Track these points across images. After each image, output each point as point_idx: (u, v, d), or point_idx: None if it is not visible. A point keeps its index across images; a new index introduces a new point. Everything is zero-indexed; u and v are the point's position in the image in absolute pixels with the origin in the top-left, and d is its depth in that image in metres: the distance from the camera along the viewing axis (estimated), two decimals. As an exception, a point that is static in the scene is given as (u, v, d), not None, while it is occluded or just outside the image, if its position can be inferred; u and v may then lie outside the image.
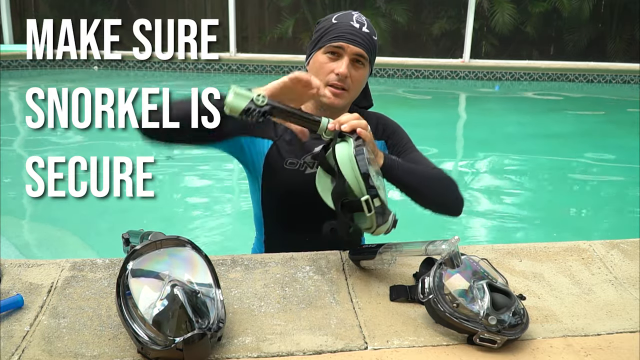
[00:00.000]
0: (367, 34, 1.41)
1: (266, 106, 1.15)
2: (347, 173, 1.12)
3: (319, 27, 1.45)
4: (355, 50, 1.39)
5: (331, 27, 1.41)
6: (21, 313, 1.11)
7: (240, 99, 1.15)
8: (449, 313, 1.05)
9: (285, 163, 1.48)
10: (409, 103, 7.22)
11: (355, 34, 1.39)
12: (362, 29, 1.40)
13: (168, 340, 0.94)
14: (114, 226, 2.81)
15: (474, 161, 4.82)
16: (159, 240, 1.07)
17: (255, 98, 1.15)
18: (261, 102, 1.15)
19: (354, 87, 1.43)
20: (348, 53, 1.39)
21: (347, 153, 1.13)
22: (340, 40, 1.38)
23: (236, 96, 1.16)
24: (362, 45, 1.39)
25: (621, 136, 5.68)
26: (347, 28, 1.39)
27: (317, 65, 1.42)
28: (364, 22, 1.42)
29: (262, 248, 1.62)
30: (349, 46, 1.38)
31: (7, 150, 4.55)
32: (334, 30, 1.40)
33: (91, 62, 8.70)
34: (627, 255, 1.43)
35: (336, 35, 1.39)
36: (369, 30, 1.42)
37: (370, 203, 1.10)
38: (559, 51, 9.58)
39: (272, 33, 9.75)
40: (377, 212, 1.11)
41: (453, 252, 1.09)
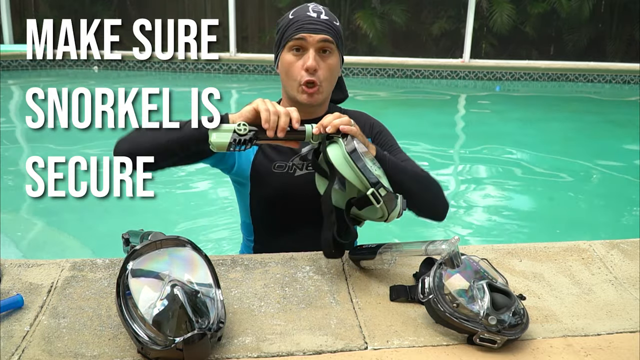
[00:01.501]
0: (326, 20, 1.38)
1: (250, 133, 1.17)
2: (346, 173, 1.12)
3: (279, 26, 1.42)
4: (317, 37, 1.35)
5: (289, 23, 1.38)
6: (21, 313, 1.11)
7: (223, 135, 1.17)
8: (449, 313, 1.05)
9: (273, 167, 1.46)
10: (409, 103, 7.22)
11: (314, 22, 1.36)
12: (320, 17, 1.37)
13: (168, 340, 0.94)
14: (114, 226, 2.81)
15: (474, 161, 4.82)
16: (159, 240, 1.07)
17: (237, 129, 1.16)
18: (243, 131, 1.16)
19: (326, 79, 1.39)
20: (311, 44, 1.35)
21: (340, 153, 1.14)
22: (301, 32, 1.35)
23: (218, 134, 1.17)
24: (324, 31, 1.36)
25: (621, 136, 5.68)
26: (305, 19, 1.36)
27: (285, 66, 1.40)
28: (321, 10, 1.39)
29: (250, 252, 1.60)
30: (310, 36, 1.35)
31: (8, 151, 4.55)
32: (293, 25, 1.37)
33: (91, 62, 8.70)
34: (627, 255, 1.43)
35: (295, 29, 1.36)
36: (328, 16, 1.39)
37: (377, 195, 1.11)
38: (559, 51, 9.58)
39: (272, 33, 9.76)
40: (385, 201, 1.12)
41: (453, 252, 1.09)
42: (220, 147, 1.17)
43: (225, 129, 1.17)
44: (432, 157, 4.78)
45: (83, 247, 3.01)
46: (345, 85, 1.57)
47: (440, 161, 4.82)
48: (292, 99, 1.43)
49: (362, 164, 1.12)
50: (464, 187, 4.25)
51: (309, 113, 1.42)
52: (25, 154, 4.69)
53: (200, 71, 8.71)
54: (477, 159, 4.85)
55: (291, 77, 1.39)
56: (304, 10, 1.39)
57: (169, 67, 8.70)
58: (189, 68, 8.70)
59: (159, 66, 8.70)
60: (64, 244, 3.06)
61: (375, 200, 1.12)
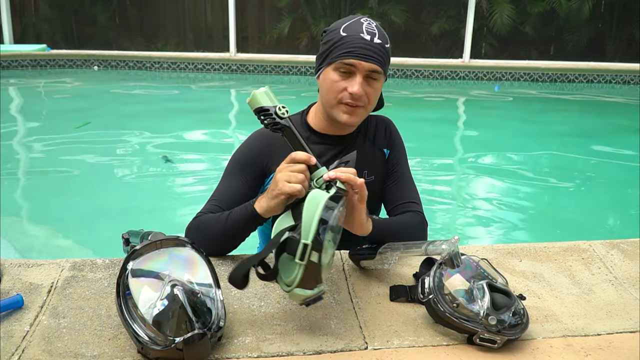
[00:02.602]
0: (379, 45, 1.29)
1: (283, 120, 1.16)
2: (307, 211, 1.01)
3: (327, 38, 1.34)
4: (367, 66, 1.29)
5: (340, 41, 1.30)
6: (21, 313, 1.11)
7: (266, 98, 1.16)
8: (449, 313, 1.05)
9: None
10: (409, 103, 7.22)
11: (367, 48, 1.28)
12: (373, 41, 1.29)
13: (168, 340, 0.94)
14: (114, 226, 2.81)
15: (474, 161, 4.82)
16: (159, 240, 1.07)
17: (279, 107, 1.16)
18: (282, 113, 1.16)
19: (369, 102, 1.35)
20: (360, 70, 1.29)
21: (320, 196, 1.04)
22: (352, 57, 1.28)
23: (265, 94, 1.16)
24: (375, 59, 1.29)
25: (621, 136, 5.68)
26: (358, 42, 1.28)
27: (327, 83, 1.33)
28: (375, 31, 1.30)
29: None
30: (361, 63, 1.28)
31: (7, 150, 4.55)
32: (344, 45, 1.29)
33: (91, 62, 8.70)
34: (627, 255, 1.43)
35: (346, 51, 1.28)
36: (381, 39, 1.30)
37: (307, 251, 0.98)
38: (559, 51, 9.58)
39: (271, 33, 9.75)
40: (308, 269, 0.99)
41: (453, 252, 1.09)
42: (253, 102, 1.16)
43: (272, 98, 1.17)
44: (431, 157, 4.77)
45: (83, 247, 3.01)
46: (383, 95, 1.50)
47: (440, 161, 4.81)
48: (329, 115, 1.39)
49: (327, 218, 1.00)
50: (463, 187, 4.25)
51: (342, 129, 1.42)
52: (25, 154, 4.69)
53: (201, 71, 8.71)
54: (477, 158, 4.85)
55: (332, 94, 1.33)
56: (358, 30, 1.30)
57: (169, 66, 8.70)
58: (189, 68, 8.70)
59: (159, 66, 8.70)
60: (64, 244, 3.06)
61: (300, 254, 0.99)
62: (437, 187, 4.11)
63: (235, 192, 1.37)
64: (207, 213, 1.34)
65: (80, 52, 8.84)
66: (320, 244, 0.98)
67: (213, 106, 6.70)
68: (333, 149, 1.43)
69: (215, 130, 5.54)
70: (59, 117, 5.89)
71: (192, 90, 7.78)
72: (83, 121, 5.50)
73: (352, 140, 1.45)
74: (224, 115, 6.38)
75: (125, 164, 4.44)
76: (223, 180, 1.42)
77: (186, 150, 4.85)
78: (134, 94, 7.41)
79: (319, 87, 1.40)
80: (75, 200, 3.64)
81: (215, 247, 1.29)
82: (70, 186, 3.89)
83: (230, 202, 1.32)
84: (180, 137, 5.25)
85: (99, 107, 6.39)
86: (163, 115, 6.09)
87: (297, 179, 1.12)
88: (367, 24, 1.32)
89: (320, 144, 1.42)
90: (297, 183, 1.11)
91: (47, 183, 3.96)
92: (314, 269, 1.00)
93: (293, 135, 1.17)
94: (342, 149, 1.42)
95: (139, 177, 4.21)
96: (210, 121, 5.85)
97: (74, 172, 4.18)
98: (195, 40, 9.98)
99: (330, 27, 1.36)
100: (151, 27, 10.09)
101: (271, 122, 1.16)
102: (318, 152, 1.40)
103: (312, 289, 1.02)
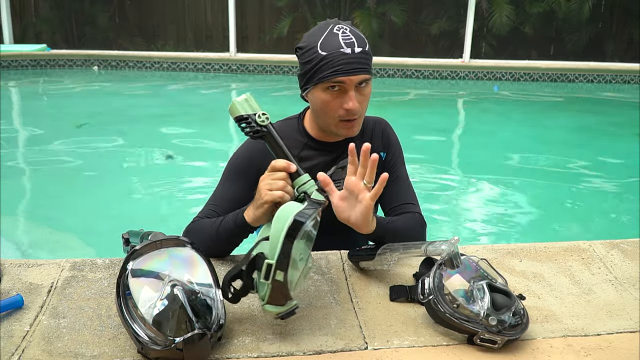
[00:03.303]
0: (360, 53, 1.28)
1: (263, 128, 1.16)
2: (274, 227, 1.00)
3: (307, 58, 1.31)
4: (357, 79, 1.28)
5: (322, 62, 1.27)
6: (21, 313, 1.11)
7: (246, 106, 1.16)
8: (449, 314, 1.05)
9: None
10: (409, 103, 7.22)
11: (352, 62, 1.26)
12: (355, 52, 1.27)
13: (168, 340, 0.94)
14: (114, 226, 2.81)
15: (473, 161, 4.82)
16: (159, 240, 1.07)
17: (259, 115, 1.16)
18: (261, 120, 1.16)
19: (363, 108, 1.35)
20: (351, 85, 1.28)
21: (290, 210, 1.01)
22: (339, 75, 1.26)
23: (245, 102, 1.17)
24: (362, 70, 1.28)
25: (621, 136, 5.68)
26: (341, 59, 1.26)
27: (320, 104, 1.33)
28: (353, 41, 1.28)
29: None
30: (350, 78, 1.27)
31: (8, 150, 4.55)
32: (327, 64, 1.27)
33: (91, 62, 8.70)
34: (627, 255, 1.43)
35: (332, 71, 1.26)
36: (361, 46, 1.28)
37: (271, 271, 0.99)
38: (559, 51, 9.58)
39: (271, 33, 9.75)
40: (274, 287, 1.00)
41: (453, 252, 1.09)
42: (232, 111, 1.17)
43: (252, 105, 1.17)
44: (431, 157, 4.77)
45: (83, 247, 3.01)
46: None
47: (440, 161, 4.81)
48: (326, 130, 1.40)
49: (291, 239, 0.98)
50: (463, 187, 4.25)
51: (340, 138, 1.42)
52: (25, 154, 4.69)
53: (200, 71, 8.71)
54: (477, 159, 4.85)
55: (328, 115, 1.33)
56: (336, 45, 1.27)
57: (169, 66, 8.70)
58: (189, 68, 8.70)
59: (159, 66, 8.70)
60: (64, 244, 3.06)
61: (265, 274, 0.99)
62: (436, 187, 4.11)
63: (232, 197, 1.38)
64: (204, 218, 1.36)
65: (80, 52, 8.83)
66: (286, 263, 0.98)
67: (213, 106, 6.69)
68: (330, 154, 1.43)
69: (215, 130, 5.53)
70: (59, 117, 5.89)
71: (192, 90, 7.77)
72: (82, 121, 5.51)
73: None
74: (224, 115, 6.37)
75: (125, 164, 4.44)
76: (220, 185, 1.43)
77: (186, 150, 4.85)
78: (134, 94, 7.41)
79: (310, 105, 1.41)
80: (75, 200, 3.64)
81: (209, 252, 1.27)
82: (70, 186, 3.89)
83: (227, 208, 1.34)
84: (180, 137, 5.24)
85: (98, 107, 6.39)
86: (163, 115, 6.08)
87: (278, 186, 1.14)
88: (342, 34, 1.29)
89: (317, 150, 1.43)
90: (277, 190, 1.13)
91: (47, 183, 3.96)
92: (281, 287, 1.00)
93: (274, 142, 1.17)
94: (340, 154, 1.43)
95: (139, 177, 4.21)
96: (210, 121, 5.85)
97: (73, 172, 4.18)
98: (195, 40, 9.98)
99: (305, 45, 1.32)
100: (151, 27, 10.08)
101: (251, 131, 1.17)
102: (316, 159, 1.42)
103: (283, 305, 1.03)
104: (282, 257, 0.98)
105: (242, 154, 1.44)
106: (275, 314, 1.04)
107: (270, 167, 1.17)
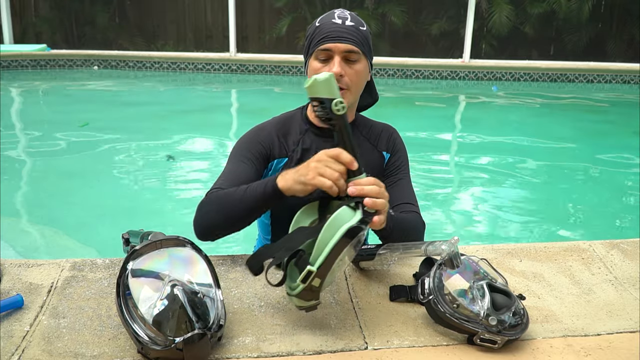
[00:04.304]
0: (352, 26, 1.36)
1: (339, 118, 1.09)
2: (324, 232, 1.00)
3: (307, 34, 1.42)
4: (343, 47, 1.34)
5: (316, 31, 1.37)
6: (21, 313, 1.11)
7: (326, 88, 1.10)
8: (449, 314, 1.05)
9: None
10: (409, 103, 7.22)
11: (340, 31, 1.34)
12: (345, 24, 1.35)
13: (168, 340, 0.94)
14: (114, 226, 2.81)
15: (473, 161, 4.82)
16: (159, 240, 1.07)
17: (336, 102, 1.09)
18: (337, 109, 1.09)
19: (354, 84, 1.38)
20: (337, 52, 1.34)
21: (343, 220, 1.02)
22: (326, 42, 1.34)
23: (326, 83, 1.10)
24: (349, 40, 1.34)
25: (621, 136, 5.68)
26: (331, 27, 1.35)
27: (311, 72, 1.39)
28: (347, 16, 1.37)
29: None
30: (336, 45, 1.33)
31: (7, 150, 4.55)
32: (319, 33, 1.36)
33: (91, 62, 8.70)
34: (627, 255, 1.43)
35: (321, 38, 1.35)
36: (354, 22, 1.37)
37: (309, 277, 1.00)
38: (559, 51, 9.59)
39: (271, 33, 9.75)
40: (308, 289, 1.02)
41: (453, 252, 1.09)
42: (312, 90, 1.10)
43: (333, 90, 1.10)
44: (431, 157, 4.78)
45: (83, 247, 3.01)
46: (376, 88, 1.55)
47: (439, 161, 4.82)
48: None
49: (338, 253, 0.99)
50: (463, 187, 4.25)
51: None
52: (25, 154, 4.69)
53: (200, 71, 8.71)
54: (477, 158, 4.85)
55: None
56: (330, 18, 1.37)
57: (169, 66, 8.70)
58: (189, 68, 8.70)
59: (159, 66, 8.70)
60: (64, 244, 3.06)
61: (303, 278, 1.00)
62: (436, 187, 4.12)
63: (243, 174, 1.36)
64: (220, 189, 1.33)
65: (80, 52, 8.84)
66: (325, 273, 1.00)
67: (213, 106, 6.70)
68: (330, 141, 1.44)
69: (216, 130, 5.54)
70: (59, 117, 5.90)
71: (192, 90, 7.78)
72: (83, 122, 5.51)
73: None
74: (224, 115, 6.38)
75: (125, 164, 4.44)
76: (229, 164, 1.42)
77: (186, 150, 4.85)
78: (134, 94, 7.41)
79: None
80: (75, 200, 3.64)
81: (229, 220, 1.26)
82: (70, 186, 3.89)
83: (238, 184, 1.31)
84: (180, 137, 5.25)
85: (98, 107, 6.39)
86: (163, 115, 6.09)
87: (333, 176, 1.08)
88: (340, 11, 1.39)
89: (318, 136, 1.44)
90: (329, 180, 1.08)
91: (47, 183, 3.96)
92: (314, 290, 1.02)
93: (344, 133, 1.11)
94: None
95: (139, 177, 4.21)
96: (210, 121, 5.86)
97: (73, 172, 4.18)
98: (195, 40, 9.98)
99: (310, 24, 1.44)
100: (151, 27, 10.08)
101: (323, 115, 1.11)
102: (316, 144, 1.43)
103: (309, 301, 1.05)
104: (324, 268, 0.99)
105: (251, 135, 1.46)
106: (299, 305, 1.06)
107: (334, 152, 1.11)
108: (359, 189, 1.07)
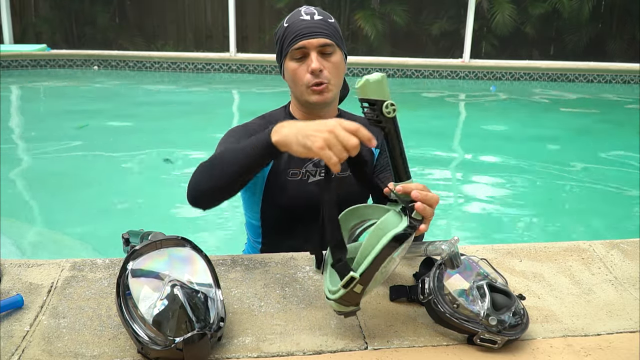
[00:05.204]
0: (320, 20, 1.37)
1: (389, 120, 1.04)
2: (370, 238, 0.99)
3: (277, 37, 1.42)
4: (316, 42, 1.35)
5: (286, 32, 1.38)
6: (21, 313, 1.11)
7: (377, 90, 1.03)
8: (449, 314, 1.05)
9: (287, 175, 1.46)
10: (409, 103, 7.22)
11: (310, 27, 1.35)
12: (314, 18, 1.36)
13: (168, 340, 0.94)
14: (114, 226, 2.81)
15: (473, 161, 4.82)
16: (159, 240, 1.07)
17: (387, 104, 1.02)
18: (387, 112, 1.03)
19: (333, 77, 1.39)
20: (312, 48, 1.35)
21: (389, 227, 1.00)
22: (298, 40, 1.34)
23: (377, 84, 1.03)
24: (321, 34, 1.35)
25: (621, 136, 5.69)
26: (300, 24, 1.36)
27: (290, 74, 1.40)
28: (314, 11, 1.38)
29: (256, 252, 1.60)
30: (309, 41, 1.34)
31: (7, 150, 4.55)
32: (289, 33, 1.37)
33: (91, 62, 8.70)
34: (627, 255, 1.43)
35: (293, 37, 1.35)
36: (322, 15, 1.38)
37: (352, 283, 0.98)
38: (559, 51, 9.59)
39: (272, 33, 9.75)
40: (349, 294, 1.00)
41: (453, 252, 1.09)
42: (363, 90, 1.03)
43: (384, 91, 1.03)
44: (431, 157, 4.78)
45: (83, 247, 3.01)
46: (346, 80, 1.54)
47: (440, 161, 4.82)
48: (303, 104, 1.44)
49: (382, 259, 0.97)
50: (463, 187, 4.25)
51: (320, 115, 1.43)
52: (25, 153, 4.70)
53: (200, 71, 8.71)
54: (477, 158, 4.85)
55: (298, 83, 1.39)
56: (297, 16, 1.38)
57: (169, 66, 8.70)
58: (189, 68, 8.70)
59: (159, 66, 8.70)
60: (64, 244, 3.06)
61: (346, 283, 0.98)
62: (436, 187, 4.11)
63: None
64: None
65: (80, 52, 8.84)
66: (368, 280, 0.98)
67: (213, 106, 6.70)
68: None
69: (216, 130, 5.53)
70: (59, 117, 5.90)
71: (192, 91, 7.78)
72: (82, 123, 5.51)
73: None
74: (224, 115, 6.38)
75: (125, 164, 4.44)
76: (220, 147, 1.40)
77: (186, 151, 4.85)
78: (134, 94, 7.41)
79: (288, 84, 1.45)
80: (75, 200, 3.64)
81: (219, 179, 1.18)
82: (70, 186, 3.90)
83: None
84: (180, 137, 5.25)
85: (98, 107, 6.39)
86: (163, 115, 6.09)
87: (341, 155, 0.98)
88: (306, 8, 1.40)
89: None
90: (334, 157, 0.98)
91: (47, 183, 3.96)
92: (355, 296, 1.00)
93: (393, 137, 1.05)
94: None
95: (139, 177, 4.21)
96: (210, 121, 5.86)
97: (73, 172, 4.18)
98: (195, 40, 9.98)
99: (277, 27, 1.44)
100: (151, 27, 10.09)
101: (373, 117, 1.04)
102: None
103: (348, 307, 1.03)
104: (367, 274, 0.98)
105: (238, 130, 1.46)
106: (337, 310, 1.04)
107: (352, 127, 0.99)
108: (423, 194, 1.02)
